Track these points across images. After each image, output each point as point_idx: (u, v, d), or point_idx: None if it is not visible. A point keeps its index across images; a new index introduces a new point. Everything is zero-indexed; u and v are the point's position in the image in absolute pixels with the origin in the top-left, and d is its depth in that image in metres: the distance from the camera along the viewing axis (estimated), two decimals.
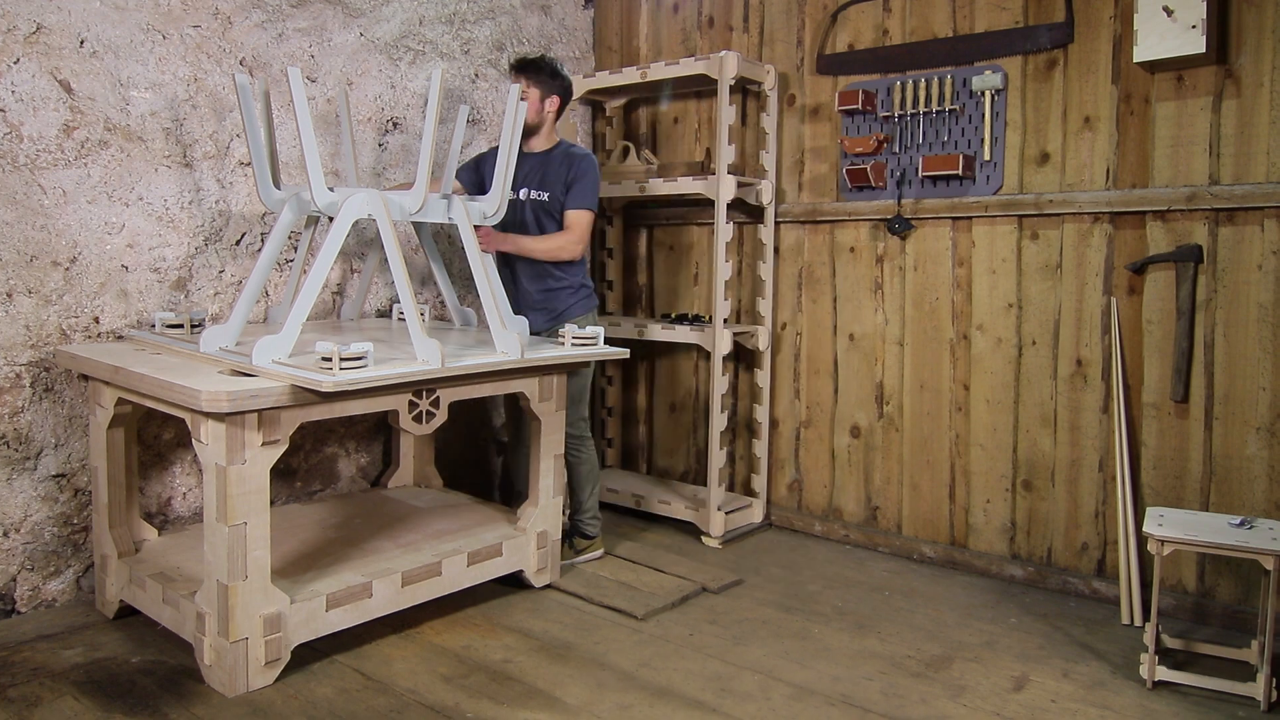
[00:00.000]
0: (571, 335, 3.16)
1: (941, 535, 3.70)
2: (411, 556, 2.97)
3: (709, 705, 2.50)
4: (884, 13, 3.74)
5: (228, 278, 3.40)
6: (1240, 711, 2.51)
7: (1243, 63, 2.99)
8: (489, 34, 4.24)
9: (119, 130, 3.09)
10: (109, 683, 2.54)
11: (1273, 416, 2.98)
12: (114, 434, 2.86)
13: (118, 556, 2.89)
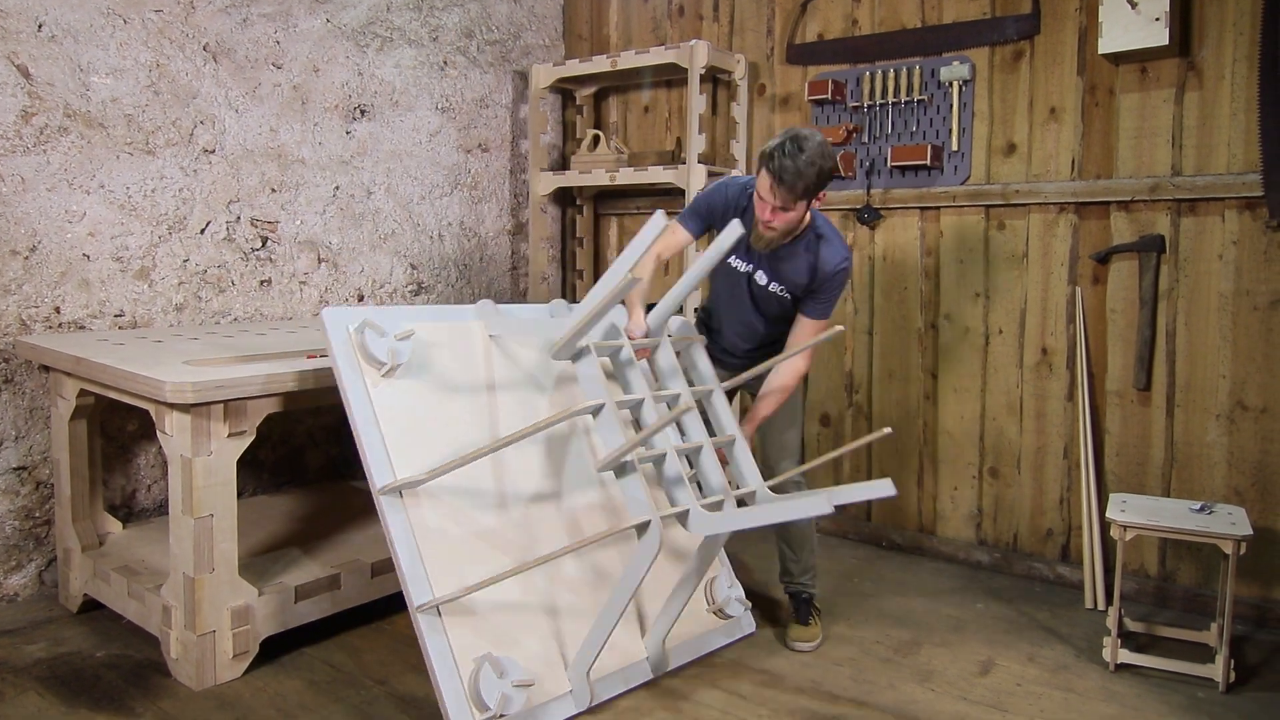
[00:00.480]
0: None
1: (910, 522, 3.74)
2: (380, 547, 2.95)
3: (679, 693, 2.51)
4: (853, 3, 3.76)
5: (192, 267, 3.35)
6: (1200, 692, 2.57)
7: (1205, 55, 3.03)
8: (458, 21, 4.20)
9: (79, 117, 3.03)
10: (73, 678, 2.50)
11: (1232, 404, 3.04)
12: (76, 426, 2.81)
13: (81, 550, 2.85)
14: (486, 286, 4.44)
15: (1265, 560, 3.01)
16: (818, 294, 2.68)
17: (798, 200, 2.48)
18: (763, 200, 2.52)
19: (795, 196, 2.46)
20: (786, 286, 2.71)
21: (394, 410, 2.34)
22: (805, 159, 2.42)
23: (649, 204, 4.47)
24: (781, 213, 2.52)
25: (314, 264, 3.74)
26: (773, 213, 2.52)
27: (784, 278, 2.71)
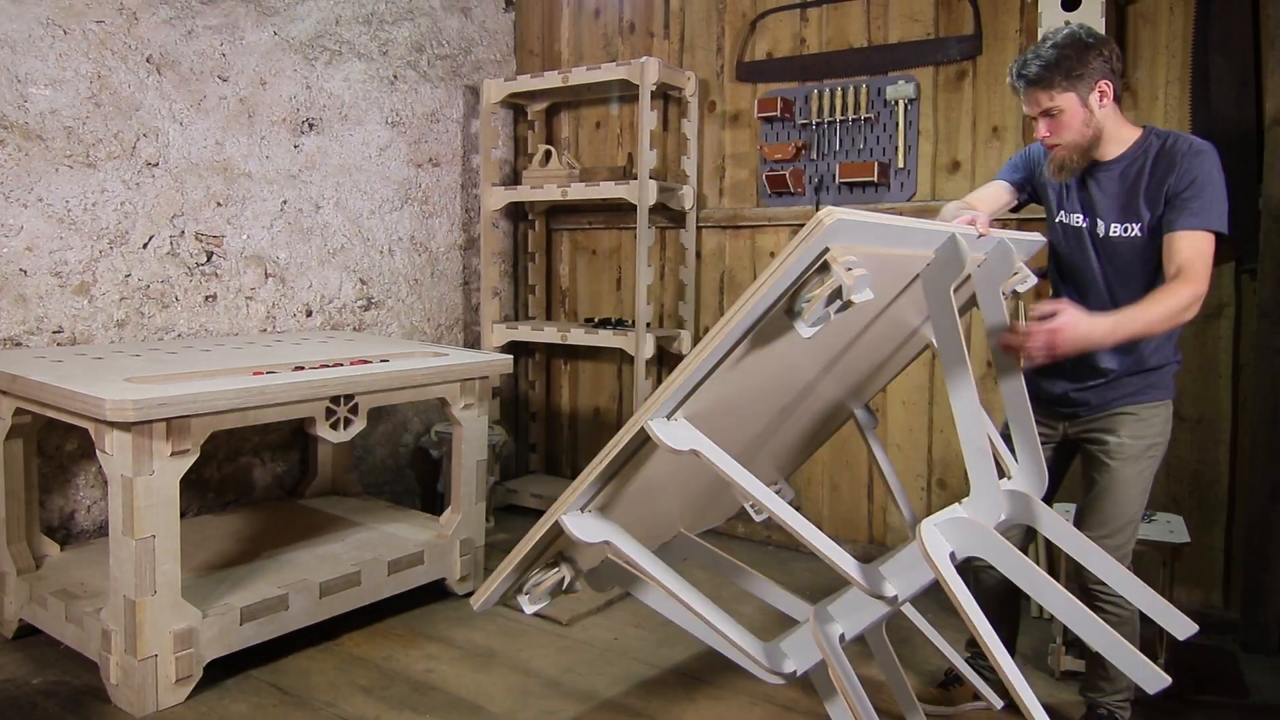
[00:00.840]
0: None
1: (860, 534, 3.77)
2: (329, 567, 2.91)
3: (634, 709, 2.51)
4: (801, 22, 3.81)
5: (134, 282, 3.28)
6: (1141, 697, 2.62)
7: (1139, 76, 3.13)
8: (408, 35, 4.19)
9: (16, 128, 2.96)
10: (8, 706, 2.42)
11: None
12: (12, 446, 2.73)
13: (17, 574, 2.76)
14: (438, 301, 4.41)
15: (1202, 567, 3.09)
16: (1184, 197, 2.02)
17: (1056, 90, 2.05)
18: (1034, 121, 2.14)
19: (1051, 89, 2.05)
20: (1128, 216, 2.12)
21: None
22: (1048, 45, 2.06)
23: (601, 219, 4.48)
24: (1050, 120, 2.10)
25: (261, 279, 3.68)
26: (1046, 124, 2.11)
27: (1123, 207, 2.13)
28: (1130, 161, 2.14)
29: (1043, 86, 2.07)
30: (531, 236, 4.67)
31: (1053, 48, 2.06)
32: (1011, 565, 1.68)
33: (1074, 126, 2.10)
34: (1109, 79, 2.09)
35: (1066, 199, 2.25)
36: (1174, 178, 2.06)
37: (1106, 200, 2.17)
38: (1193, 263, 1.99)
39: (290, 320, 3.79)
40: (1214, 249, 2.03)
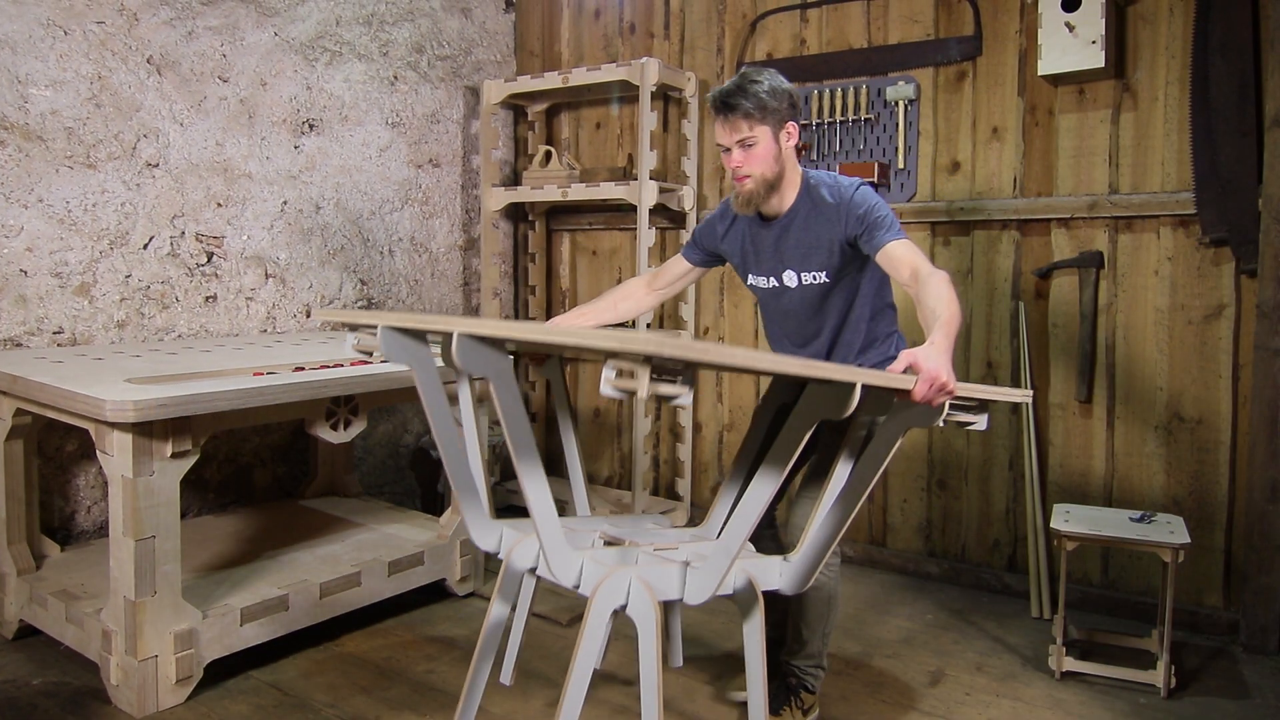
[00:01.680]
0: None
1: (860, 534, 3.77)
2: (330, 568, 2.91)
3: (634, 710, 2.51)
4: (801, 23, 3.81)
5: (134, 283, 3.28)
6: (1142, 698, 2.62)
7: (1139, 77, 3.13)
8: (408, 36, 4.19)
9: (17, 129, 2.97)
10: (8, 707, 2.42)
11: (1169, 416, 3.13)
12: (12, 446, 2.73)
13: (17, 574, 2.76)
14: (438, 302, 4.41)
15: (1202, 568, 3.09)
16: (867, 227, 2.17)
17: (754, 124, 2.14)
18: (725, 151, 2.20)
19: (749, 119, 2.13)
20: (815, 265, 2.26)
21: None
22: (746, 80, 2.14)
23: (601, 220, 4.48)
24: (744, 150, 2.16)
25: (261, 279, 3.68)
26: (738, 156, 2.18)
27: (809, 257, 2.26)
28: (801, 214, 2.27)
29: (743, 115, 2.14)
30: (532, 237, 4.67)
31: (753, 82, 2.15)
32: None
33: (765, 159, 2.18)
34: (796, 123, 2.23)
35: (753, 263, 2.38)
36: (847, 224, 2.20)
37: (791, 253, 2.29)
38: (919, 257, 2.12)
39: (290, 321, 3.79)
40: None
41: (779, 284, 2.34)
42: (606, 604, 1.78)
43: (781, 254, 2.31)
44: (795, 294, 2.33)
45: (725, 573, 1.83)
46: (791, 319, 2.39)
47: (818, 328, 2.36)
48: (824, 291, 2.30)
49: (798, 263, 2.29)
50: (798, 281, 2.31)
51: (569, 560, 1.88)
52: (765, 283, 2.37)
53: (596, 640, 1.78)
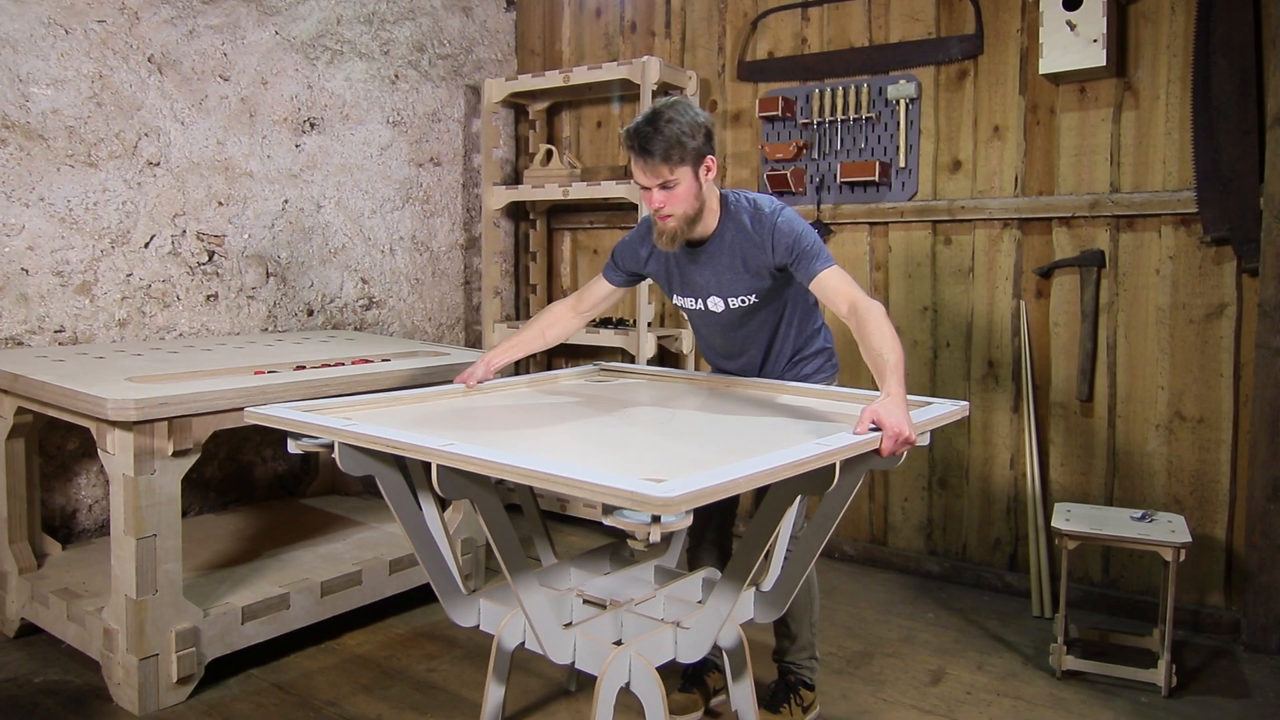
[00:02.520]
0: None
1: (862, 534, 3.77)
2: (331, 566, 2.91)
3: (634, 707, 2.50)
4: (803, 21, 3.81)
5: (136, 281, 3.28)
6: (1143, 697, 2.62)
7: (1140, 76, 3.13)
8: (409, 34, 4.19)
9: (18, 128, 2.97)
10: (9, 705, 2.43)
11: (1171, 414, 3.12)
12: (13, 445, 2.74)
13: (18, 573, 2.77)
14: (439, 301, 4.41)
15: (1203, 567, 3.09)
16: (798, 256, 2.19)
17: (674, 167, 2.12)
18: (646, 190, 2.18)
19: (669, 162, 2.11)
20: (743, 290, 2.29)
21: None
22: (662, 120, 2.11)
23: (602, 218, 4.48)
24: (665, 191, 2.15)
25: (262, 278, 3.68)
26: (659, 196, 2.16)
27: (735, 284, 2.29)
28: (725, 240, 2.27)
29: (663, 159, 2.11)
30: (533, 236, 4.67)
31: (669, 122, 2.11)
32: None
33: (687, 199, 2.17)
34: (712, 154, 2.20)
35: (679, 285, 2.39)
36: (775, 252, 2.22)
37: (717, 279, 2.31)
38: (853, 288, 2.15)
39: (291, 320, 3.80)
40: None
41: (704, 308, 2.37)
42: (612, 686, 1.86)
43: (706, 281, 2.32)
44: (722, 316, 2.37)
45: (717, 633, 1.99)
46: (719, 335, 2.44)
47: (745, 343, 2.43)
48: (752, 310, 2.34)
49: (724, 289, 2.31)
50: (724, 306, 2.34)
51: (562, 640, 1.96)
52: (692, 304, 2.39)
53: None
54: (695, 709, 2.46)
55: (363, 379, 2.73)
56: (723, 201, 2.29)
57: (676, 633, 2.02)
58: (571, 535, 4.03)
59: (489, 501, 1.82)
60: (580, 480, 1.47)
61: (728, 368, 2.52)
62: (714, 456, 1.74)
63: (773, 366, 2.45)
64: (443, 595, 2.10)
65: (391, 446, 1.75)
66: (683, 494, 1.39)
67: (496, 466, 1.58)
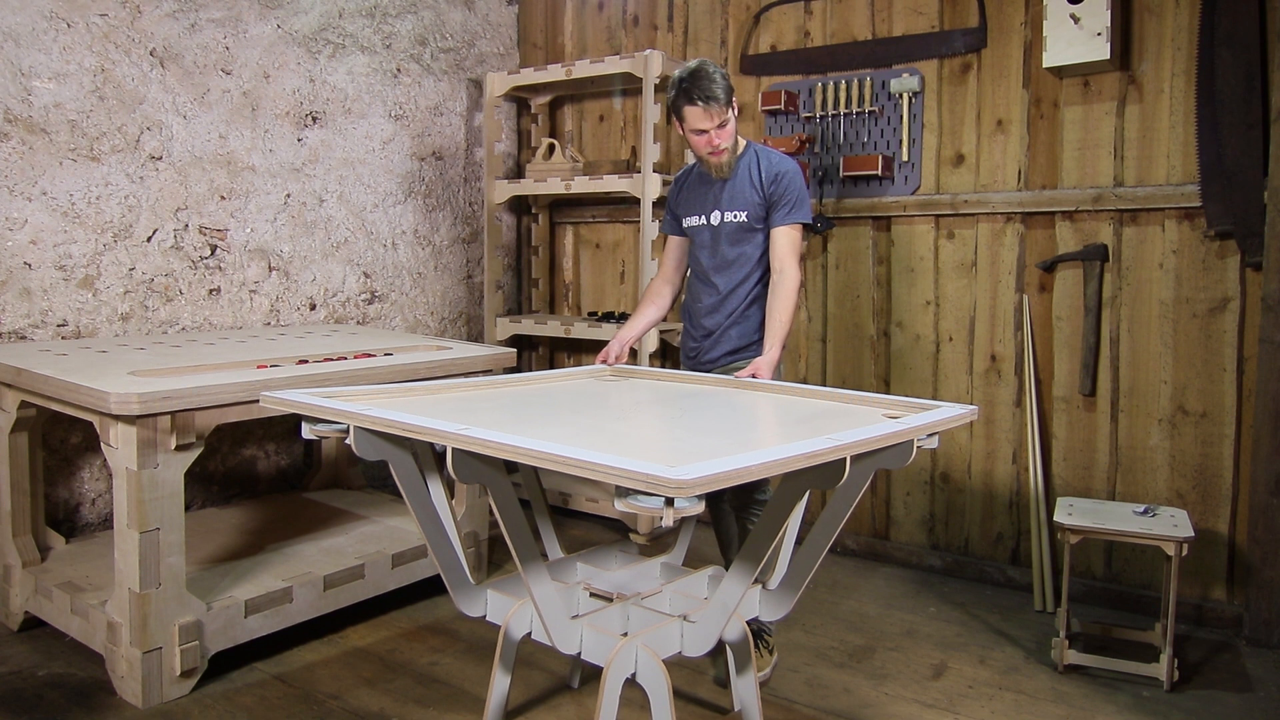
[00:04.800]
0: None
1: (864, 528, 3.77)
2: (333, 560, 2.92)
3: (637, 702, 2.51)
4: (805, 15, 3.80)
5: (138, 275, 3.28)
6: (1145, 691, 2.62)
7: (1144, 69, 3.12)
8: (411, 28, 4.18)
9: (20, 122, 2.97)
10: (13, 697, 2.43)
11: (1173, 409, 3.12)
12: (17, 439, 2.74)
13: (22, 566, 2.77)
14: (441, 295, 4.41)
15: (1206, 561, 3.09)
16: (778, 200, 2.69)
17: (725, 108, 2.62)
18: (702, 132, 2.64)
19: (724, 104, 2.61)
20: (738, 206, 2.75)
21: None
22: (712, 71, 2.60)
23: (604, 212, 4.47)
24: (720, 130, 2.64)
25: (265, 272, 3.68)
26: (716, 133, 2.64)
27: (735, 200, 2.75)
28: (740, 172, 2.75)
29: (721, 104, 2.61)
30: (535, 230, 4.67)
31: (718, 73, 2.61)
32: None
33: (732, 134, 2.69)
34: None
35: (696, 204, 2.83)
36: (769, 185, 2.71)
37: (726, 195, 2.77)
38: (790, 255, 2.68)
39: (294, 314, 3.80)
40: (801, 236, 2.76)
41: (707, 221, 2.81)
42: (618, 677, 1.88)
43: (717, 195, 2.79)
44: (719, 230, 2.78)
45: (723, 626, 1.99)
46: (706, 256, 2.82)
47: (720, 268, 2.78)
48: (738, 231, 2.75)
49: (725, 204, 2.77)
50: (721, 219, 2.78)
51: (569, 631, 1.99)
52: (698, 220, 2.83)
53: (612, 714, 1.89)
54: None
55: (365, 373, 2.74)
56: (747, 144, 2.80)
57: (683, 626, 2.02)
58: (574, 529, 4.04)
59: (502, 486, 1.83)
60: (594, 463, 1.48)
61: (700, 299, 2.84)
62: (726, 448, 1.74)
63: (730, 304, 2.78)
64: (451, 584, 2.10)
65: (408, 430, 1.76)
66: (697, 477, 1.40)
67: (511, 449, 1.59)
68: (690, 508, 1.44)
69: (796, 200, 2.70)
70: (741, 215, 2.73)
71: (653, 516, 1.49)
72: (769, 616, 2.22)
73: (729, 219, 2.76)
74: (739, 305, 2.77)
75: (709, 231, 2.81)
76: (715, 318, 2.80)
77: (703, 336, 2.83)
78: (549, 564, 2.31)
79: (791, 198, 2.69)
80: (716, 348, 2.80)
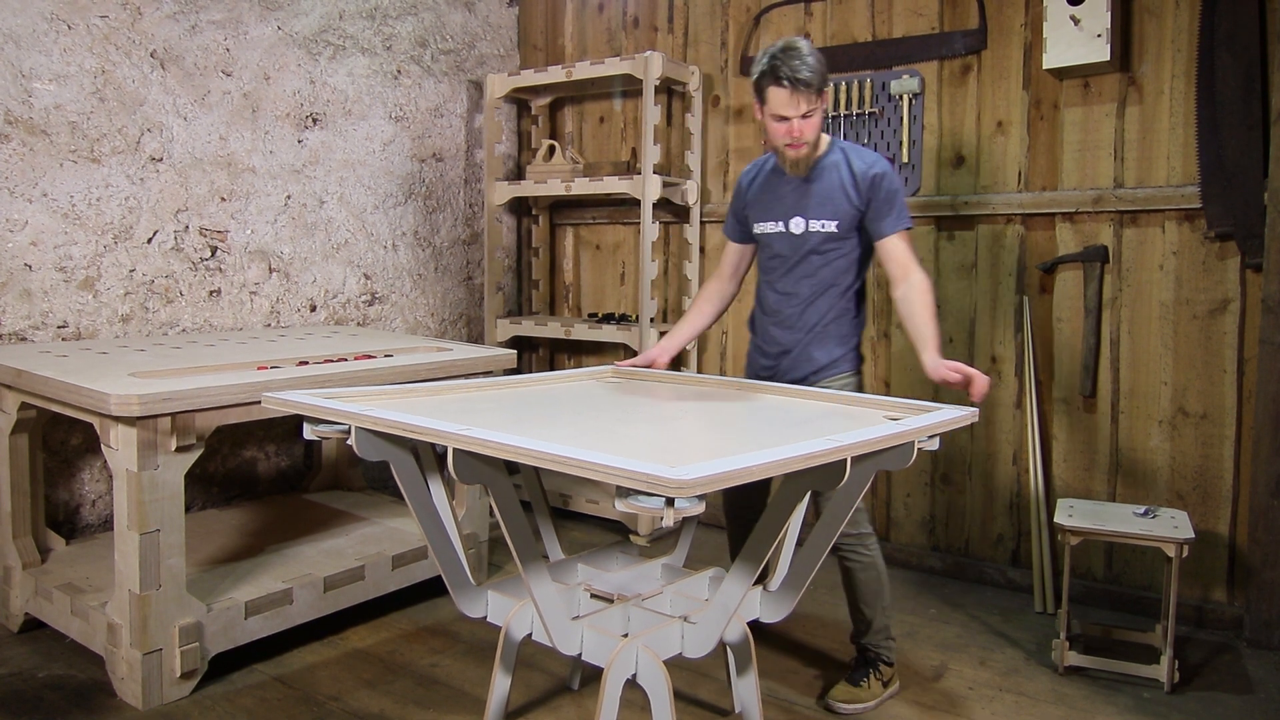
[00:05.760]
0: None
1: None
2: (334, 561, 2.92)
3: (637, 704, 2.51)
4: (805, 16, 3.80)
5: (139, 277, 3.29)
6: (1145, 693, 2.62)
7: (1144, 71, 3.12)
8: (411, 30, 4.18)
9: (21, 123, 2.97)
10: (13, 699, 2.43)
11: (1174, 410, 3.12)
12: (17, 440, 2.74)
13: (22, 568, 2.77)
14: (441, 296, 4.41)
15: (1206, 563, 3.08)
16: (882, 207, 2.42)
17: (815, 98, 2.34)
18: (783, 120, 2.37)
19: (816, 91, 2.34)
20: (827, 214, 2.46)
21: None
22: (805, 53, 2.32)
23: (605, 214, 4.48)
24: (805, 121, 2.37)
25: (265, 274, 3.69)
26: (800, 124, 2.37)
27: (823, 207, 2.46)
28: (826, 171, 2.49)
29: (811, 90, 2.34)
30: (535, 231, 4.67)
31: (813, 57, 2.34)
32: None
33: (817, 128, 2.42)
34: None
35: (769, 207, 2.57)
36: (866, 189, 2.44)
37: (808, 199, 2.50)
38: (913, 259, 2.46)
39: (294, 315, 3.80)
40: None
41: (785, 229, 2.53)
42: (619, 678, 1.88)
43: (798, 200, 2.51)
44: (797, 240, 2.52)
45: (724, 628, 1.99)
46: (780, 269, 2.57)
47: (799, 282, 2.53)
48: (825, 241, 2.49)
49: (810, 210, 2.49)
50: (804, 228, 2.50)
51: (570, 632, 1.98)
52: (773, 227, 2.56)
53: (613, 715, 1.89)
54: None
55: (366, 374, 2.74)
56: (832, 140, 2.53)
57: (684, 627, 2.02)
58: (574, 531, 4.04)
59: (503, 487, 1.83)
60: (595, 463, 1.48)
61: (774, 313, 2.59)
62: (727, 449, 1.74)
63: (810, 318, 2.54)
64: (452, 585, 2.10)
65: (409, 430, 1.76)
66: (698, 477, 1.40)
67: (512, 450, 1.59)
68: (691, 508, 1.44)
69: (901, 202, 2.45)
70: (831, 225, 2.47)
71: (653, 517, 1.48)
72: (769, 618, 2.22)
73: (815, 228, 2.48)
74: (820, 321, 2.53)
75: (787, 240, 2.53)
76: (793, 334, 2.56)
77: (778, 354, 2.60)
78: (550, 565, 2.30)
79: (896, 202, 2.43)
80: (796, 368, 2.57)
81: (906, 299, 2.41)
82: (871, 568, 2.56)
